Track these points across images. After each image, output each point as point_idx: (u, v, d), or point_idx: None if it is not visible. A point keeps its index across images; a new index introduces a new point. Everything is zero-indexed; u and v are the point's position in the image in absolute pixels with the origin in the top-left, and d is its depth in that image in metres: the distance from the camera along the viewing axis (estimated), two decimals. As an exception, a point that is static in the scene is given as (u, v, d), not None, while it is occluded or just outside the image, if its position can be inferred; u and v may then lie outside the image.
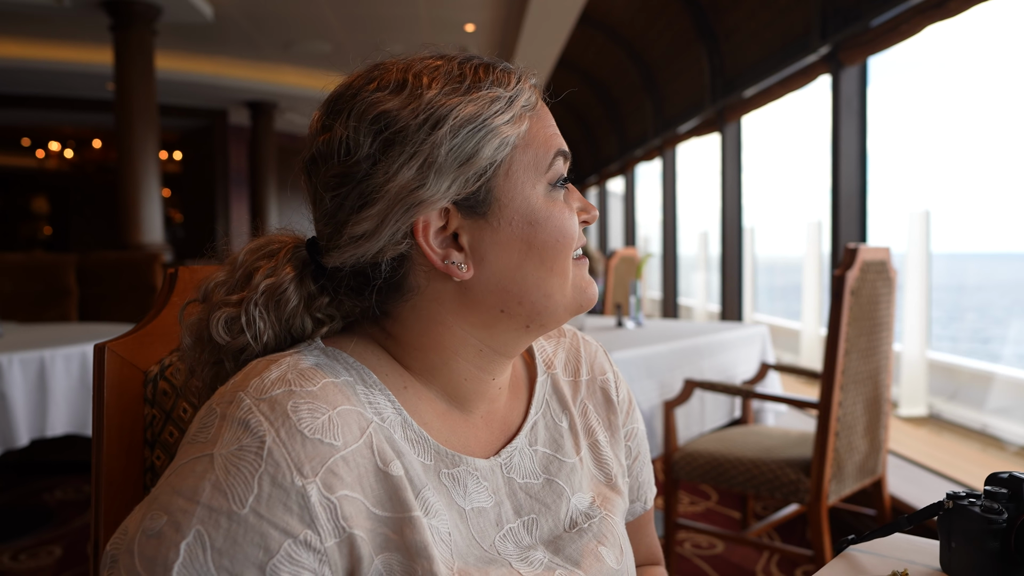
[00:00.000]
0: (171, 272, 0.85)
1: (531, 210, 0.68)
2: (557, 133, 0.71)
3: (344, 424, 0.61)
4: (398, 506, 0.62)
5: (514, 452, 0.75)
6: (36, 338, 3.06)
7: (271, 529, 0.55)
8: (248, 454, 0.56)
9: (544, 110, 0.72)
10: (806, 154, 8.50)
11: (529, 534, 0.72)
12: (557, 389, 0.83)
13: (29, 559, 2.82)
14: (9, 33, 7.58)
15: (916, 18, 3.10)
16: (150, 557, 0.54)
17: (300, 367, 0.64)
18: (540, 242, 0.68)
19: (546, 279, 0.69)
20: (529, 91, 0.70)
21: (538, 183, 0.68)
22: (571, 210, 0.71)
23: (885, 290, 2.34)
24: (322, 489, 0.57)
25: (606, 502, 0.80)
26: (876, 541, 0.83)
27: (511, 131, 0.67)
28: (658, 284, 7.40)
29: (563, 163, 0.70)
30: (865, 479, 2.39)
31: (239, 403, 0.59)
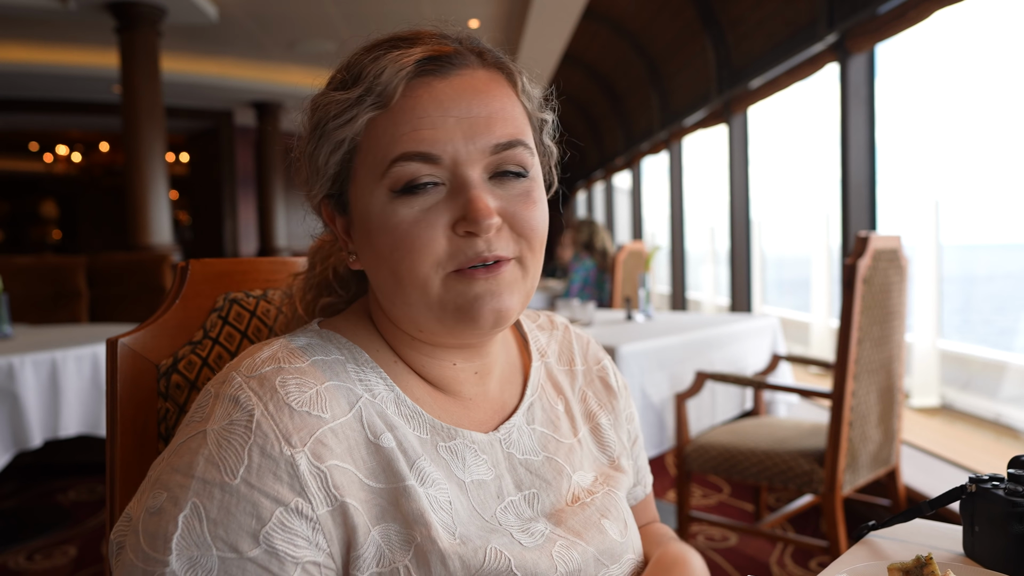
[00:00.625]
0: (182, 266, 0.84)
1: (368, 217, 0.66)
2: (419, 130, 0.63)
3: (332, 399, 0.63)
4: (391, 477, 0.63)
5: (512, 429, 0.75)
6: (47, 339, 3.07)
7: (262, 498, 0.56)
8: (238, 427, 0.58)
9: (419, 101, 0.64)
10: (814, 144, 8.40)
11: (530, 507, 0.72)
12: (551, 376, 0.84)
13: (44, 559, 2.84)
14: (15, 37, 7.61)
15: (924, 3, 3.07)
16: (152, 533, 0.55)
17: (290, 347, 0.66)
18: (380, 251, 0.65)
19: (398, 289, 0.66)
20: (387, 82, 0.64)
21: (376, 189, 0.65)
22: (429, 220, 0.63)
23: (897, 278, 2.32)
24: (311, 458, 0.59)
25: (609, 479, 0.81)
26: (897, 527, 0.82)
27: (342, 135, 0.66)
28: (666, 278, 7.38)
29: (419, 166, 0.63)
30: (879, 469, 2.37)
31: (230, 381, 0.62)
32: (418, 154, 0.63)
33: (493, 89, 0.67)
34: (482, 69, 0.68)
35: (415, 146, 0.63)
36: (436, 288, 0.65)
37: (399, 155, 0.63)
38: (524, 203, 0.67)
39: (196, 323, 0.83)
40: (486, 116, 0.65)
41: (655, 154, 7.48)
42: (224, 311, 0.85)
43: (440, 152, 0.63)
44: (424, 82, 0.65)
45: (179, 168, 13.09)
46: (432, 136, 0.63)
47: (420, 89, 0.65)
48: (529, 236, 0.67)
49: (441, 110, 0.64)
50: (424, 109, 0.64)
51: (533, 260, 0.69)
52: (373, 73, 0.65)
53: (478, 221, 0.62)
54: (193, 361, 0.81)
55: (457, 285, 0.65)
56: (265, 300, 0.88)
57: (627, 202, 9.63)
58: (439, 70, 0.65)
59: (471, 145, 0.64)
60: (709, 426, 2.79)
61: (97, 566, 2.76)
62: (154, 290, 4.55)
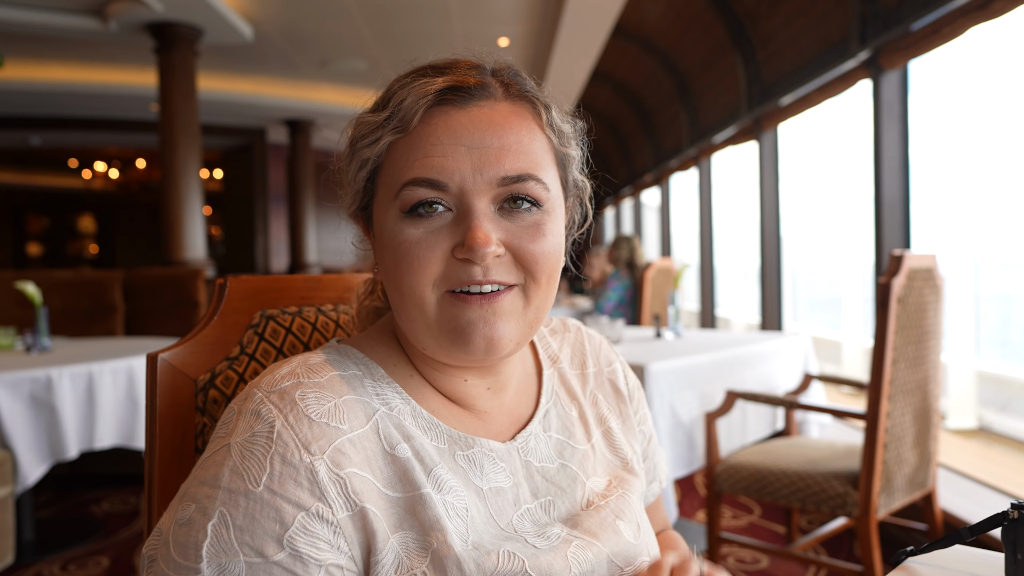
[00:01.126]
0: (220, 283, 0.86)
1: (381, 232, 0.70)
2: (430, 157, 0.66)
3: (350, 411, 0.66)
4: (408, 485, 0.65)
5: (529, 437, 0.77)
6: (84, 352, 3.13)
7: (284, 504, 0.59)
8: (260, 438, 0.61)
9: (434, 129, 0.67)
10: (845, 161, 8.28)
11: (546, 514, 0.73)
12: (564, 382, 0.85)
13: (78, 569, 2.88)
14: (58, 57, 7.82)
15: (959, 20, 3.04)
16: (182, 543, 0.58)
17: (309, 363, 0.69)
18: (388, 265, 0.68)
19: (400, 303, 0.69)
20: (407, 109, 0.67)
21: (389, 209, 0.68)
22: (432, 241, 0.66)
23: (933, 297, 2.28)
24: (330, 465, 0.61)
25: (622, 483, 0.82)
26: (936, 553, 0.80)
27: (367, 155, 0.70)
28: (695, 296, 7.33)
29: (427, 191, 0.66)
30: (915, 492, 2.33)
31: (252, 397, 0.64)
32: (426, 180, 0.66)
33: (512, 122, 0.69)
34: (505, 102, 0.70)
35: (424, 172, 0.66)
36: (432, 307, 0.67)
37: (409, 179, 0.66)
38: (531, 235, 0.68)
39: (233, 339, 0.85)
40: (498, 148, 0.67)
41: (684, 171, 7.46)
42: (260, 328, 0.86)
43: (447, 180, 0.66)
44: (442, 111, 0.67)
45: (213, 184, 13.31)
46: (441, 164, 0.66)
47: (437, 117, 0.67)
48: (532, 268, 0.68)
49: (454, 139, 0.66)
50: (438, 137, 0.66)
51: (537, 291, 0.69)
52: (398, 99, 0.68)
53: (474, 249, 0.64)
54: (230, 377, 0.82)
55: (451, 308, 0.67)
56: (300, 317, 0.89)
57: (656, 219, 9.59)
58: (458, 100, 0.68)
59: (479, 175, 0.66)
60: (739, 446, 2.76)
61: (129, 577, 2.80)
62: (188, 304, 4.62)
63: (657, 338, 3.26)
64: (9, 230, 14.69)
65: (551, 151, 0.72)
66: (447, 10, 6.36)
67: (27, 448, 2.56)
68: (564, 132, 0.74)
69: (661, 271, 5.00)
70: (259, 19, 6.56)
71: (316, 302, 0.93)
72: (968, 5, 3.00)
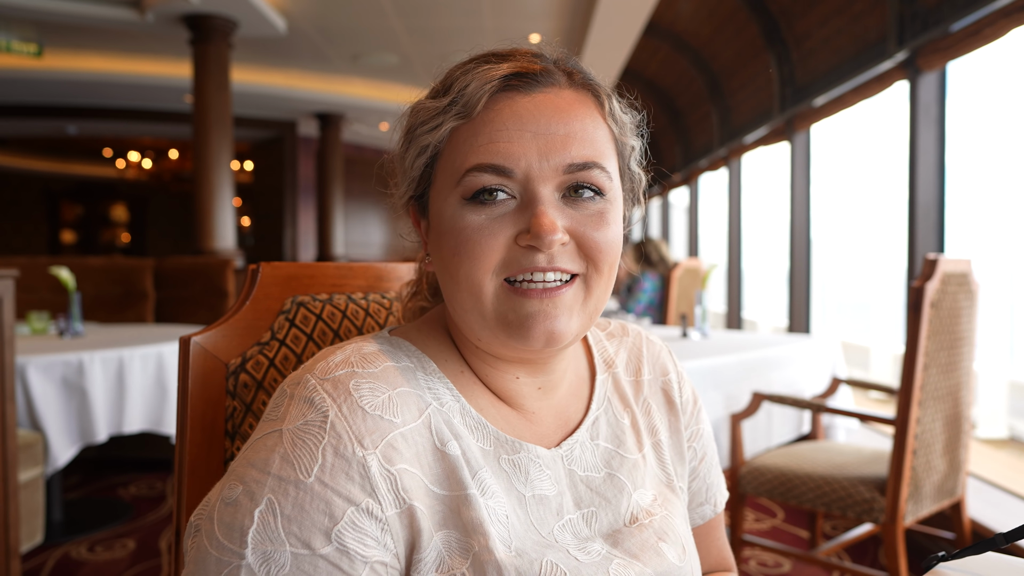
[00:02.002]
0: (252, 268, 0.87)
1: (439, 219, 0.68)
2: (495, 143, 0.64)
3: (403, 404, 0.64)
4: (455, 484, 0.64)
5: (575, 445, 0.74)
6: (115, 338, 3.19)
7: (335, 497, 0.58)
8: (313, 428, 0.60)
9: (499, 115, 0.65)
10: (879, 164, 8.11)
11: (588, 526, 0.71)
12: (618, 387, 0.82)
13: (104, 551, 2.93)
14: (95, 48, 7.95)
15: (1000, 21, 2.97)
16: (228, 523, 0.57)
17: (363, 352, 0.67)
18: (445, 253, 0.67)
19: (456, 294, 0.67)
20: (471, 94, 0.65)
21: (450, 195, 0.66)
22: (495, 229, 0.64)
23: (967, 303, 2.24)
24: (382, 461, 0.60)
25: (666, 502, 0.79)
26: (968, 559, 0.79)
27: (427, 140, 0.68)
28: (723, 297, 7.27)
29: (491, 177, 0.64)
30: (943, 500, 2.29)
31: (305, 383, 0.63)
32: (491, 166, 0.64)
33: (576, 109, 0.68)
34: (569, 89, 0.69)
35: (490, 158, 0.64)
36: (490, 297, 0.66)
37: (474, 165, 0.65)
38: (595, 223, 0.67)
39: (264, 324, 0.85)
40: (564, 135, 0.65)
41: (714, 171, 7.39)
42: (291, 314, 0.87)
43: (513, 166, 0.64)
44: (507, 97, 0.66)
45: (243, 176, 13.45)
46: (507, 149, 0.64)
47: (502, 103, 0.66)
48: (596, 256, 0.67)
49: (519, 125, 0.65)
50: (503, 123, 0.65)
51: (599, 280, 0.68)
52: (461, 85, 0.66)
53: (540, 236, 0.63)
54: (260, 361, 0.83)
55: (510, 300, 0.66)
56: (331, 304, 0.90)
57: (684, 219, 9.53)
58: (524, 86, 0.67)
59: (545, 162, 0.65)
60: (764, 448, 2.73)
61: (154, 560, 2.84)
62: (217, 293, 4.68)
63: (683, 338, 3.24)
64: (44, 218, 14.97)
65: (612, 140, 0.71)
66: (479, 6, 6.37)
67: (58, 430, 2.61)
68: (624, 122, 0.74)
69: (688, 271, 4.97)
70: (292, 12, 6.61)
71: (347, 290, 0.94)
72: (1010, 6, 2.94)
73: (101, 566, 2.79)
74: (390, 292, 0.98)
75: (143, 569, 2.76)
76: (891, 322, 6.48)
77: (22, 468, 2.40)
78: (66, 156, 14.21)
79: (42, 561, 2.81)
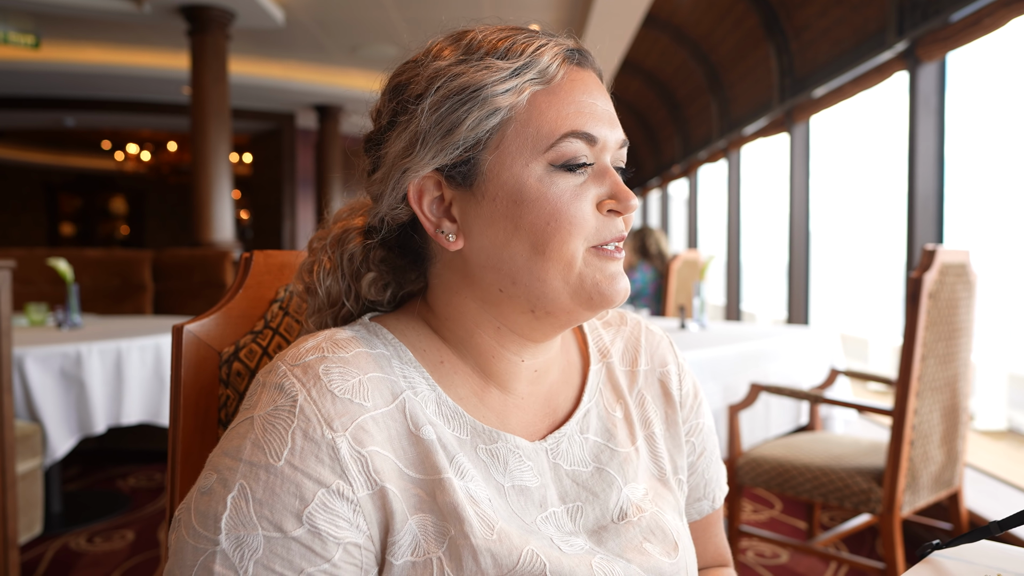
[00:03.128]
0: (246, 257, 0.86)
1: (518, 188, 0.65)
2: (581, 112, 0.66)
3: (375, 389, 0.65)
4: (430, 468, 0.64)
5: (562, 438, 0.74)
6: (113, 329, 3.18)
7: (305, 479, 0.58)
8: (282, 412, 0.61)
9: (575, 85, 0.67)
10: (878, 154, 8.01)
11: (572, 521, 0.71)
12: (612, 378, 0.81)
13: (103, 542, 2.93)
14: (92, 40, 7.93)
15: (1000, 11, 2.96)
16: (203, 512, 0.58)
17: (336, 337, 0.68)
18: (528, 223, 0.65)
19: (537, 263, 0.66)
20: (550, 62, 0.67)
21: (533, 161, 0.65)
22: (582, 196, 0.66)
23: (965, 294, 2.24)
24: (352, 443, 0.61)
25: (658, 497, 0.78)
26: (962, 547, 0.79)
27: (504, 102, 0.65)
28: (721, 289, 7.27)
29: (582, 145, 0.66)
30: (941, 491, 2.29)
31: (276, 370, 0.64)
32: (584, 134, 0.66)
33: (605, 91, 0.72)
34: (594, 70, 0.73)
35: (581, 125, 0.66)
36: (579, 263, 0.67)
37: (568, 132, 0.66)
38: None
39: (258, 313, 0.85)
40: (612, 113, 0.71)
41: (713, 163, 7.38)
42: (285, 302, 0.86)
43: (598, 135, 0.67)
44: (575, 69, 0.69)
45: (242, 168, 13.43)
46: (594, 119, 0.67)
47: (575, 74, 0.68)
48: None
49: (592, 97, 0.68)
50: (582, 93, 0.68)
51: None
52: (534, 50, 0.67)
53: (626, 201, 0.67)
54: (254, 350, 0.83)
55: (597, 262, 0.67)
56: (324, 293, 0.89)
57: (683, 211, 9.52)
58: (584, 61, 0.70)
59: (612, 134, 0.69)
60: (762, 439, 2.73)
61: (153, 551, 2.85)
62: (215, 285, 4.67)
63: (682, 329, 3.24)
64: (43, 210, 14.96)
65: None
66: (477, -3, 6.34)
67: (56, 422, 2.61)
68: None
69: (687, 263, 4.97)
70: (290, 4, 6.59)
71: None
72: (1011, -4, 2.93)
73: (100, 557, 2.79)
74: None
75: (142, 560, 2.76)
76: (890, 314, 6.47)
77: (20, 459, 2.40)
78: (64, 148, 14.18)
79: (41, 552, 2.82)
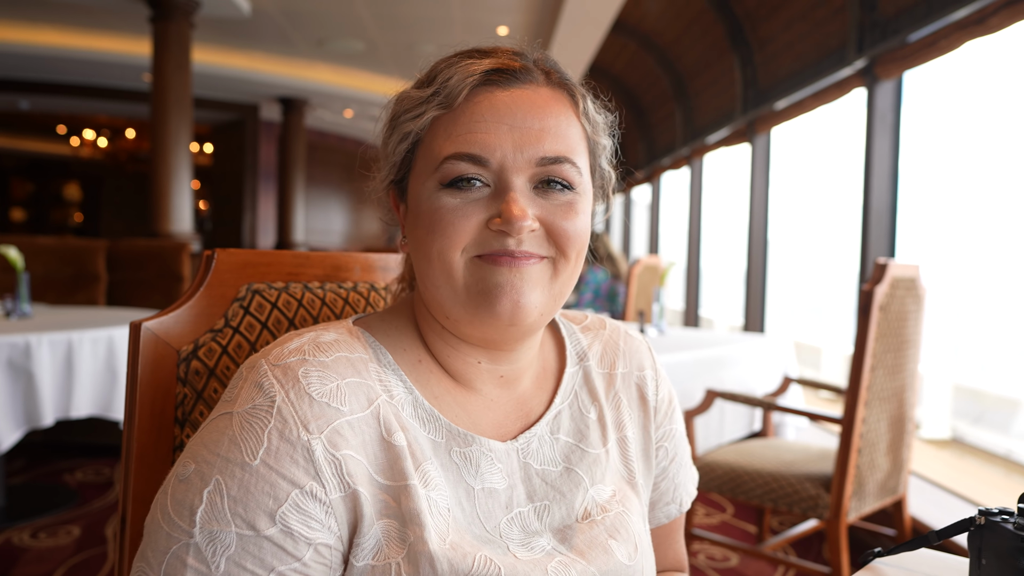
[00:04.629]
0: (208, 255, 0.86)
1: (417, 204, 0.71)
2: (473, 133, 0.67)
3: (352, 394, 0.66)
4: (397, 475, 0.66)
5: (532, 438, 0.76)
6: (65, 320, 3.11)
7: (279, 479, 0.60)
8: (260, 412, 0.62)
9: (478, 107, 0.68)
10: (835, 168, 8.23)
11: (539, 520, 0.73)
12: (588, 381, 0.83)
13: (48, 537, 2.86)
14: (51, 21, 7.72)
15: (956, 34, 3.06)
16: (179, 500, 0.60)
17: (319, 340, 0.69)
18: (420, 235, 0.70)
19: (429, 272, 0.70)
20: (455, 86, 0.69)
21: (428, 180, 0.69)
22: (468, 213, 0.67)
23: (914, 307, 2.31)
24: (327, 446, 0.62)
25: (625, 499, 0.79)
26: (903, 555, 0.82)
27: (410, 128, 0.71)
28: (681, 295, 7.37)
29: (468, 166, 0.67)
30: (886, 498, 2.36)
31: (258, 368, 0.65)
32: (468, 155, 0.67)
33: (552, 106, 0.71)
34: (546, 87, 0.72)
35: (467, 147, 0.67)
36: (460, 270, 0.68)
37: (452, 153, 0.68)
38: (564, 212, 0.70)
39: (218, 311, 0.85)
40: (538, 129, 0.69)
41: (676, 170, 7.47)
42: (246, 301, 0.86)
43: (489, 156, 0.67)
44: (487, 91, 0.69)
45: (203, 158, 13.20)
46: (484, 140, 0.67)
47: (482, 96, 0.69)
48: (564, 244, 0.70)
49: (497, 117, 0.68)
50: (482, 114, 0.68)
51: (566, 266, 0.71)
52: (445, 77, 0.69)
53: (511, 222, 0.66)
54: (213, 349, 0.82)
55: (480, 270, 0.68)
56: (287, 293, 0.89)
57: (645, 216, 9.61)
58: (503, 82, 0.70)
59: (519, 154, 0.68)
60: (716, 445, 2.78)
61: (99, 547, 2.79)
62: (171, 277, 4.59)
63: (640, 334, 3.27)
64: (-8, 194, 14.52)
65: (584, 138, 0.75)
66: (447, -5, 6.33)
67: (2, 413, 2.54)
68: (597, 122, 0.77)
69: (648, 268, 5.02)
70: (257, -6, 6.50)
71: (303, 279, 0.93)
72: (965, 19, 3.02)
73: (44, 553, 2.72)
74: (347, 282, 0.97)
75: (88, 556, 2.71)
76: (844, 323, 6.63)
77: (-37, 452, 2.33)
78: (17, 132, 13.76)
79: (-18, 547, 2.74)
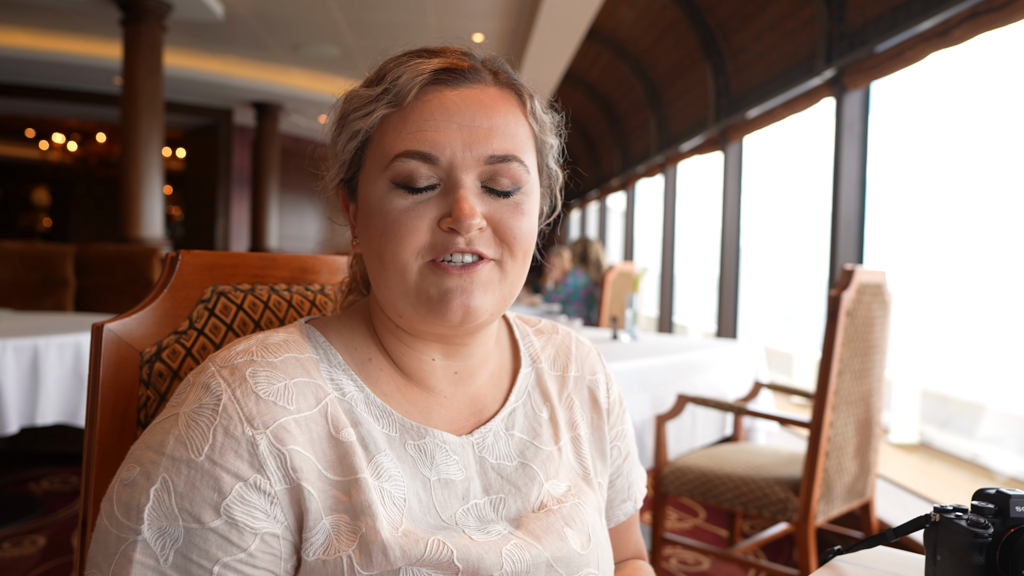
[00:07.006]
0: (172, 256, 0.85)
1: (367, 203, 0.71)
2: (423, 131, 0.68)
3: (300, 393, 0.67)
4: (347, 469, 0.67)
5: (488, 433, 0.77)
6: (31, 326, 3.05)
7: (223, 473, 0.61)
8: (206, 410, 0.63)
9: (428, 106, 0.69)
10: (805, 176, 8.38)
11: (495, 511, 0.74)
12: (541, 382, 0.86)
13: (12, 547, 2.81)
14: (19, 23, 7.60)
15: (921, 45, 3.12)
16: (126, 503, 0.61)
17: (267, 342, 0.70)
18: (372, 235, 0.70)
19: (381, 273, 0.71)
20: (404, 85, 0.69)
21: (379, 179, 0.70)
22: (419, 213, 0.68)
23: (880, 313, 2.35)
24: (272, 440, 0.63)
25: (580, 493, 0.81)
26: (862, 553, 0.83)
27: (359, 126, 0.71)
28: (655, 301, 7.42)
29: (417, 164, 0.68)
30: (853, 501, 2.39)
31: (206, 370, 0.67)
32: (418, 153, 0.68)
33: (500, 106, 0.72)
34: (494, 87, 0.73)
35: (417, 145, 0.68)
36: (413, 275, 0.69)
37: (402, 151, 0.68)
38: (511, 212, 0.71)
39: (183, 313, 0.84)
40: (487, 128, 0.70)
41: (650, 177, 7.53)
42: (211, 303, 0.86)
43: (438, 154, 0.68)
44: (436, 90, 0.70)
45: (175, 163, 13.04)
46: (434, 138, 0.68)
47: (431, 95, 0.70)
48: (511, 243, 0.71)
49: (446, 116, 0.69)
50: (431, 113, 0.69)
51: (514, 266, 0.72)
52: (394, 75, 0.70)
53: (460, 220, 0.67)
54: (177, 351, 0.82)
55: (432, 276, 0.69)
56: (253, 295, 0.89)
57: (620, 224, 9.67)
58: (452, 81, 0.71)
59: (468, 152, 0.69)
60: (688, 449, 2.80)
61: (66, 557, 2.74)
62: (142, 283, 4.53)
63: (613, 340, 3.29)
64: (-42, 198, 14.23)
65: (532, 137, 0.75)
66: (422, 3, 6.33)
67: (-35, 421, 2.49)
68: (544, 121, 0.78)
69: (622, 274, 5.05)
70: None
71: (269, 281, 0.93)
72: (930, 31, 3.09)
73: (9, 563, 2.67)
74: (314, 284, 0.97)
75: (53, 566, 2.66)
76: (815, 330, 6.70)
77: (-77, 460, 2.28)
78: (-16, 135, 13.53)
79: (-57, 558, 2.68)
